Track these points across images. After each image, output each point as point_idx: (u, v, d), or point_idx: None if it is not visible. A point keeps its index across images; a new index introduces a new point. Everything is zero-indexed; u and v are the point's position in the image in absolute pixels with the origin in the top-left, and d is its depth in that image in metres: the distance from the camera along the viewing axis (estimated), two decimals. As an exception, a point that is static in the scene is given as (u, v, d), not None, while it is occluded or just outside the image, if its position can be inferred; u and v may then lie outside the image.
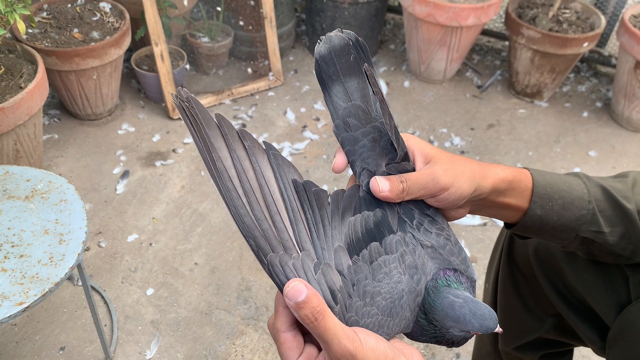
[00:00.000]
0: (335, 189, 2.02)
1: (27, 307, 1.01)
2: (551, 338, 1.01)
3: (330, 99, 0.64)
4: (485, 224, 1.92)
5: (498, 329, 0.59)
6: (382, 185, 0.60)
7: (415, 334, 0.62)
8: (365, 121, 0.64)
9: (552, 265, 0.89)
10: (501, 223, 1.71)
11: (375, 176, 0.61)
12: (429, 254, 0.62)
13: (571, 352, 1.11)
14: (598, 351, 0.90)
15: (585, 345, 0.94)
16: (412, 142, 0.65)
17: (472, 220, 1.93)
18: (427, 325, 0.60)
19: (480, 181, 0.65)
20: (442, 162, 0.63)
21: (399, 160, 0.63)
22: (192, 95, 0.56)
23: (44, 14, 2.12)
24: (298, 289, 0.50)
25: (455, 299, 0.58)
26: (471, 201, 0.66)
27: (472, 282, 0.63)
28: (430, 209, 0.64)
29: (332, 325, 0.51)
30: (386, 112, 0.61)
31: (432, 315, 0.59)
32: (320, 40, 0.63)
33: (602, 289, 0.82)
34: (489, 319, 0.58)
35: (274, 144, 2.20)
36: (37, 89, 1.70)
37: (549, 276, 0.91)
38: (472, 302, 0.58)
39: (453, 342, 0.61)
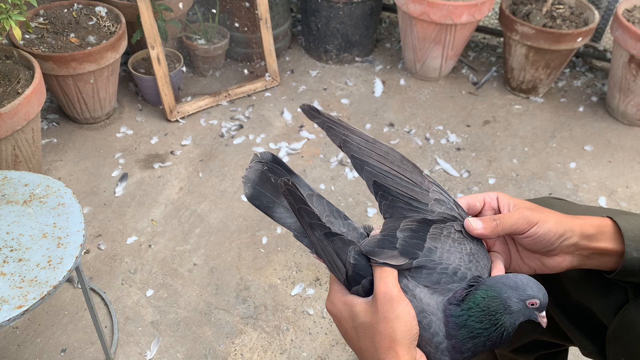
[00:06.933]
0: (333, 188, 2.04)
1: (26, 310, 1.03)
2: (546, 340, 1.02)
3: (277, 220, 0.71)
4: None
5: (543, 320, 0.64)
6: (475, 224, 0.69)
7: (464, 342, 0.65)
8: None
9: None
10: None
11: (468, 217, 0.70)
12: (429, 292, 0.66)
13: (566, 352, 1.12)
14: (588, 354, 0.91)
15: None
16: (501, 197, 0.76)
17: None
18: (476, 320, 0.63)
19: (569, 224, 0.71)
20: (528, 205, 0.73)
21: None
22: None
23: (40, 20, 2.13)
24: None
25: (503, 276, 0.65)
26: (566, 246, 0.72)
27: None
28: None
29: None
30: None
31: (485, 298, 0.63)
32: (243, 182, 0.71)
33: (600, 291, 0.83)
34: (540, 286, 0.63)
35: (271, 145, 2.21)
36: (34, 94, 1.72)
37: (546, 281, 0.92)
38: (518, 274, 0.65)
39: (504, 334, 0.64)
